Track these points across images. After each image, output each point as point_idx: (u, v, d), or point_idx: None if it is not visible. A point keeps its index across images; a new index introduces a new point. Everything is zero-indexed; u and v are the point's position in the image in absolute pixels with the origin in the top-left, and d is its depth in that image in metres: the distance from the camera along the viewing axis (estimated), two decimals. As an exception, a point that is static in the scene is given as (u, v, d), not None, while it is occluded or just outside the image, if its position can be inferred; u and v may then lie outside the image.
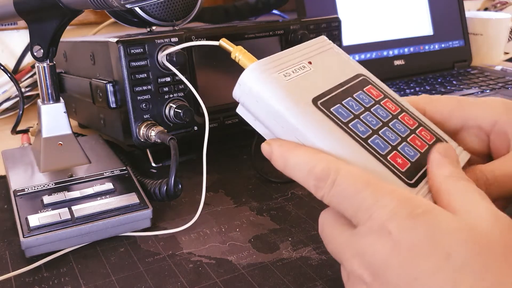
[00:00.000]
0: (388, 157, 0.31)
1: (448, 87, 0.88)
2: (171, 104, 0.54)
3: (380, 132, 0.32)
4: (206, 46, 0.57)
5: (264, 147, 0.33)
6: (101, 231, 0.44)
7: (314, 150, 0.30)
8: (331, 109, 0.32)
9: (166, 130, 0.52)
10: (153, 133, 0.51)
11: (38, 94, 0.82)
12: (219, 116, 0.59)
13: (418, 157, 0.32)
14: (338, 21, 0.68)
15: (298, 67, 0.35)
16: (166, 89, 0.54)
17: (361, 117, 0.33)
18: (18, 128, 0.69)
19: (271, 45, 0.62)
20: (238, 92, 0.34)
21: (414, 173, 0.31)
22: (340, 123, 0.31)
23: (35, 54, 0.52)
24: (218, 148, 0.54)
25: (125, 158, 0.57)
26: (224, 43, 0.39)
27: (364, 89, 0.35)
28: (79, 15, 0.51)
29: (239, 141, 0.48)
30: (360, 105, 0.34)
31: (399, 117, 0.35)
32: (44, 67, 0.53)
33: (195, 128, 0.57)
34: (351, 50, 0.91)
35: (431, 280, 0.25)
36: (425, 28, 1.02)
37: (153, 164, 0.61)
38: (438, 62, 1.03)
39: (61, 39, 0.53)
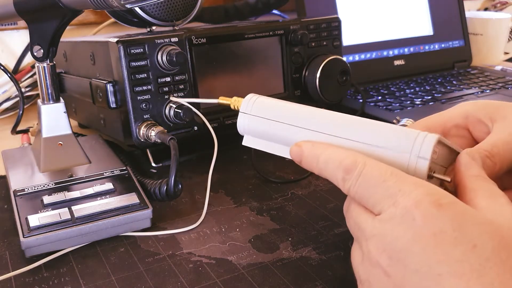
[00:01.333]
0: None
1: (448, 87, 0.88)
2: (171, 104, 0.54)
3: None
4: (205, 47, 0.57)
5: (294, 149, 0.34)
6: (101, 231, 0.44)
7: (343, 148, 0.32)
8: None
9: (166, 130, 0.52)
10: (153, 133, 0.51)
11: (38, 94, 0.82)
12: (219, 116, 0.59)
13: None
14: (338, 21, 0.68)
15: None
16: (166, 89, 0.54)
17: None
18: (18, 128, 0.69)
19: (271, 45, 0.62)
20: (242, 121, 0.39)
21: None
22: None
23: (35, 54, 0.52)
24: (218, 148, 0.54)
25: (125, 158, 0.57)
26: (222, 100, 0.43)
27: None
28: (79, 15, 0.51)
29: (239, 141, 0.47)
30: None
31: None
32: (44, 67, 0.53)
33: (195, 128, 0.57)
34: (351, 50, 0.91)
35: (456, 268, 0.25)
36: (425, 28, 1.02)
37: (153, 164, 0.61)
38: (438, 62, 1.02)
39: (61, 39, 0.53)
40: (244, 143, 0.40)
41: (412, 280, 0.26)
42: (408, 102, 0.79)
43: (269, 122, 0.37)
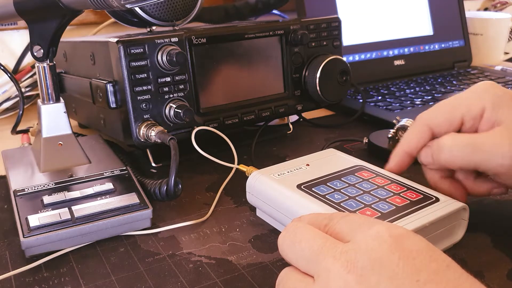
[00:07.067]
0: (357, 211, 0.40)
1: (448, 87, 0.88)
2: (171, 104, 0.54)
3: (357, 197, 0.42)
4: (205, 47, 0.57)
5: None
6: (101, 231, 0.44)
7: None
8: (313, 189, 0.43)
9: (166, 130, 0.52)
10: (153, 133, 0.51)
11: (38, 94, 0.82)
12: (219, 116, 0.59)
13: (392, 209, 0.40)
14: (338, 21, 0.68)
15: (294, 169, 0.47)
16: (166, 89, 0.54)
17: (341, 190, 0.43)
18: (18, 128, 0.69)
19: (271, 45, 0.62)
20: (248, 198, 0.48)
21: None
22: (317, 196, 0.42)
23: (35, 54, 0.52)
24: (218, 148, 0.54)
25: (125, 158, 0.57)
26: (240, 167, 0.51)
27: (356, 173, 0.46)
28: (79, 15, 0.51)
29: (239, 141, 0.47)
30: (345, 183, 0.45)
31: (385, 187, 0.44)
32: (44, 67, 0.53)
33: (195, 128, 0.57)
34: (351, 50, 0.91)
35: (434, 277, 0.26)
36: (425, 28, 1.02)
37: (153, 164, 0.61)
38: (438, 62, 1.03)
39: (61, 39, 0.53)
40: (257, 214, 0.48)
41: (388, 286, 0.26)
42: (408, 102, 0.79)
43: (265, 205, 0.45)
